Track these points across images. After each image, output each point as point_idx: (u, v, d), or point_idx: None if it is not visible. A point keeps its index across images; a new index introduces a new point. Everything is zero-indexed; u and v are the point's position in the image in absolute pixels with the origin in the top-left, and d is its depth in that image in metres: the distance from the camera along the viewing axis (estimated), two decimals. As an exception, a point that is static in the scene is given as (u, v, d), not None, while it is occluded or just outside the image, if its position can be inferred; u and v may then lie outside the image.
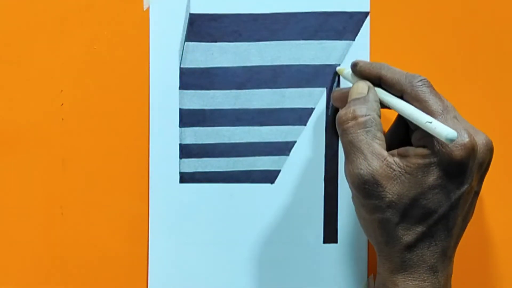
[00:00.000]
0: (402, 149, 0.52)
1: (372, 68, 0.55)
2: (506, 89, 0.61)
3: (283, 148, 0.59)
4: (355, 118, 0.52)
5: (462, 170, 0.50)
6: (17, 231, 0.58)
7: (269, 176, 0.59)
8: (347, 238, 0.59)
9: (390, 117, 0.57)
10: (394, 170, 0.50)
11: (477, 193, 0.53)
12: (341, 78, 0.59)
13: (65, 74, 0.58)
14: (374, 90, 0.54)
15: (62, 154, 0.58)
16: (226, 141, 0.59)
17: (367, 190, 0.50)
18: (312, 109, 0.59)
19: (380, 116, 0.53)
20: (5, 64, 0.58)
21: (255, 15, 0.58)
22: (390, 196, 0.50)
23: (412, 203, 0.50)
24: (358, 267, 0.60)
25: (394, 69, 0.54)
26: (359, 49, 0.59)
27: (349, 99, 0.54)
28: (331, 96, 0.58)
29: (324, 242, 0.59)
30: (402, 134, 0.55)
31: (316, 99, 0.59)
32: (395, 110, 0.53)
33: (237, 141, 0.59)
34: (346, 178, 0.52)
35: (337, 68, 0.59)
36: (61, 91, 0.58)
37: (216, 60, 0.58)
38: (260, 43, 0.58)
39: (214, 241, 0.59)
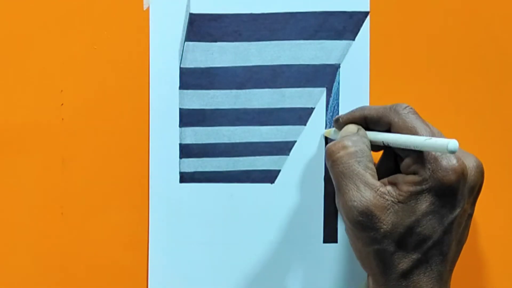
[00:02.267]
0: (391, 177, 0.52)
1: (354, 113, 0.55)
2: (508, 95, 0.61)
3: (283, 148, 0.59)
4: (345, 148, 0.52)
5: (453, 195, 0.50)
6: (17, 231, 0.58)
7: (269, 176, 0.59)
8: (347, 238, 0.59)
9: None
10: (387, 200, 0.50)
11: (470, 216, 0.53)
12: (342, 76, 0.59)
13: (65, 74, 0.58)
14: (363, 130, 0.54)
15: (62, 154, 0.58)
16: (226, 141, 0.59)
17: (362, 222, 0.50)
18: (312, 109, 0.59)
19: (370, 150, 0.53)
20: (5, 64, 0.58)
21: (255, 15, 0.58)
22: (385, 226, 0.50)
23: (407, 231, 0.50)
24: (358, 267, 0.59)
25: (375, 106, 0.54)
26: (359, 49, 0.59)
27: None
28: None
29: (324, 242, 0.59)
30: (391, 167, 0.55)
31: (316, 99, 0.59)
32: (387, 144, 0.53)
33: (237, 141, 0.59)
34: (339, 211, 0.52)
35: (324, 132, 0.59)
36: (61, 91, 0.58)
37: (216, 60, 0.58)
38: (260, 43, 0.58)
39: (214, 241, 0.59)
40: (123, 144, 0.58)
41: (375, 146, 0.54)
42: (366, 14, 0.59)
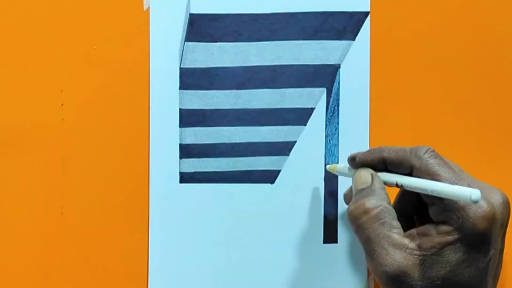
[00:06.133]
0: (422, 228, 0.51)
1: (372, 155, 0.54)
2: (508, 96, 0.61)
3: (283, 148, 0.59)
4: (367, 212, 0.51)
5: (487, 240, 0.49)
6: (17, 231, 0.58)
7: (269, 176, 0.59)
8: (347, 238, 0.59)
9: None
10: (419, 256, 0.49)
11: (502, 250, 0.52)
12: (342, 76, 0.59)
13: (65, 74, 0.58)
14: (378, 176, 0.53)
15: (62, 154, 0.58)
16: (226, 141, 0.59)
17: (398, 284, 0.49)
18: (312, 109, 0.59)
19: (390, 204, 0.52)
20: (5, 64, 0.58)
21: (255, 15, 0.58)
22: (421, 282, 0.49)
23: (444, 282, 0.49)
24: (358, 267, 0.60)
25: (394, 148, 0.53)
26: (359, 49, 0.59)
27: (354, 191, 0.53)
28: (344, 198, 0.58)
29: (324, 242, 0.59)
30: (409, 209, 0.54)
31: (316, 99, 0.59)
32: (410, 189, 0.51)
33: (237, 141, 0.59)
34: (372, 273, 0.51)
35: (328, 167, 0.58)
36: (61, 91, 0.58)
37: (216, 60, 0.58)
38: (260, 43, 0.58)
39: (214, 241, 0.59)
40: (123, 144, 0.58)
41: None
42: (366, 14, 0.59)
